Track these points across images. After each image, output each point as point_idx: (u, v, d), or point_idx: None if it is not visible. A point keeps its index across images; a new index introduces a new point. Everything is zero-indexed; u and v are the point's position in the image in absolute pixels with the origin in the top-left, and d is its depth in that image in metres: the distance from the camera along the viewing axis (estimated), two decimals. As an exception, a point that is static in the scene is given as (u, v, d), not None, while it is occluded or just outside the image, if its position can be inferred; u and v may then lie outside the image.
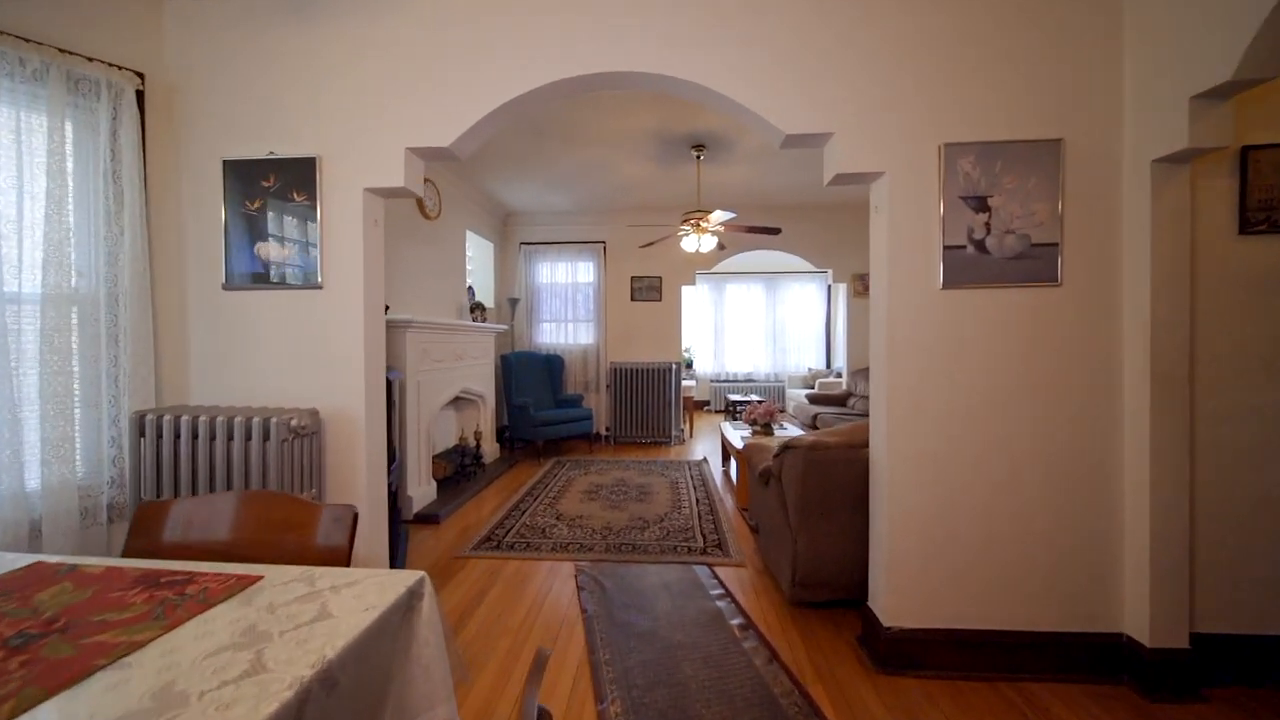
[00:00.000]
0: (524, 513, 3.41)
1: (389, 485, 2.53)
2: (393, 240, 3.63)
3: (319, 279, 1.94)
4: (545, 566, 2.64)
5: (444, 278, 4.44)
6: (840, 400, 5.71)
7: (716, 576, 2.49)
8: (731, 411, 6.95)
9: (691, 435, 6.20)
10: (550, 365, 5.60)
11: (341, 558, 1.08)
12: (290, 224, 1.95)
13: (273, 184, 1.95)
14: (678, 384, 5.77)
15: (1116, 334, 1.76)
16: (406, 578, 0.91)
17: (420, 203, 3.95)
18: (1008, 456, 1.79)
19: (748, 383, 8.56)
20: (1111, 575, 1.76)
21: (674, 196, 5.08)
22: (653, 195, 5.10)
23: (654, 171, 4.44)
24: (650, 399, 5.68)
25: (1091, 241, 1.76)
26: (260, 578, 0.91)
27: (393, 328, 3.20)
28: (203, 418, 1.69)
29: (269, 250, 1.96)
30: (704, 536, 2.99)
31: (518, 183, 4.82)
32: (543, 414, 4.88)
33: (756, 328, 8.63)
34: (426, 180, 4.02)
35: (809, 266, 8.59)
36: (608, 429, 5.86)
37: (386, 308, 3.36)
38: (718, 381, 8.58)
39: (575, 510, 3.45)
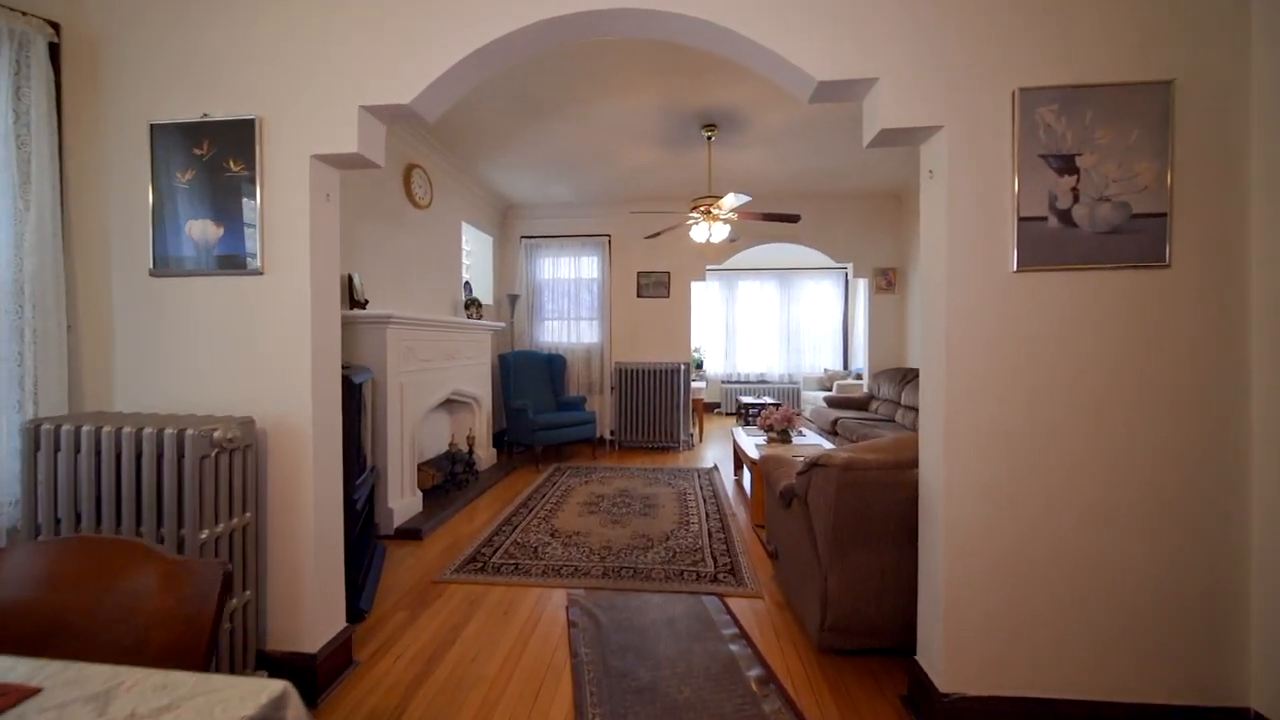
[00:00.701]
0: (516, 528, 3.10)
1: (359, 501, 2.23)
2: (377, 229, 3.35)
3: (259, 263, 1.64)
4: (534, 594, 2.31)
5: (437, 272, 4.15)
6: (861, 404, 5.32)
7: (729, 610, 2.15)
8: (744, 415, 6.58)
9: (701, 440, 5.85)
10: (551, 365, 5.29)
11: (200, 633, 0.76)
12: (227, 198, 1.65)
13: (207, 151, 1.66)
14: (686, 386, 5.43)
15: (1242, 329, 1.39)
16: (258, 689, 0.59)
17: (408, 188, 3.67)
18: (1100, 482, 1.43)
19: (760, 384, 8.18)
20: (1235, 635, 1.39)
21: (683, 184, 4.73)
22: (660, 184, 4.76)
23: (661, 157, 4.11)
24: (657, 402, 5.34)
25: (1210, 211, 1.39)
26: (36, 691, 0.59)
27: (368, 324, 2.90)
28: (106, 429, 1.40)
29: (202, 229, 1.67)
30: (714, 559, 2.65)
31: (517, 171, 4.52)
32: (543, 417, 4.57)
33: (770, 327, 8.25)
34: (415, 166, 3.75)
35: (826, 262, 8.18)
36: (612, 433, 5.53)
37: (365, 302, 3.08)
38: (729, 383, 8.21)
39: (572, 525, 3.13)
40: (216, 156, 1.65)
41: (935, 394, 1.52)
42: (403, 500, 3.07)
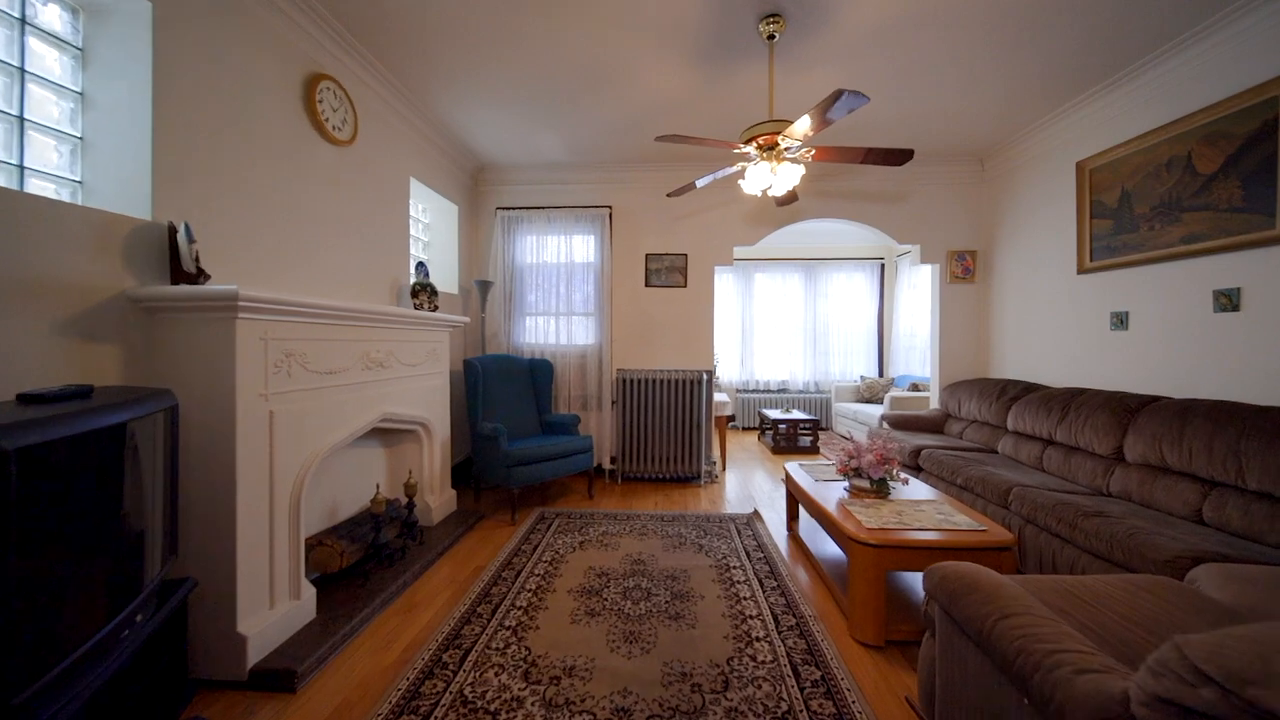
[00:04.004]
0: (467, 654, 1.85)
1: (140, 631, 0.98)
2: (253, 159, 2.08)
3: None
4: None
5: (367, 242, 2.88)
6: (935, 425, 4.15)
7: None
8: (773, 433, 5.39)
9: (724, 467, 4.64)
10: (535, 374, 4.05)
11: None
12: None
13: None
14: (709, 400, 4.22)
15: None
16: None
17: (312, 108, 2.40)
18: None
19: (781, 393, 7.00)
20: None
21: (720, 123, 3.48)
22: (687, 124, 3.53)
23: (694, 82, 2.89)
24: (672, 421, 4.13)
25: None
26: None
27: (192, 310, 1.64)
28: None
29: None
30: (828, 749, 1.43)
31: (488, 108, 3.26)
32: (522, 447, 3.32)
33: (792, 326, 7.08)
34: (324, 78, 2.38)
35: (857, 251, 7.09)
36: (613, 461, 4.30)
37: (200, 274, 1.78)
38: (745, 392, 7.03)
39: (561, 648, 1.89)
40: None
41: None
42: (267, 614, 1.80)
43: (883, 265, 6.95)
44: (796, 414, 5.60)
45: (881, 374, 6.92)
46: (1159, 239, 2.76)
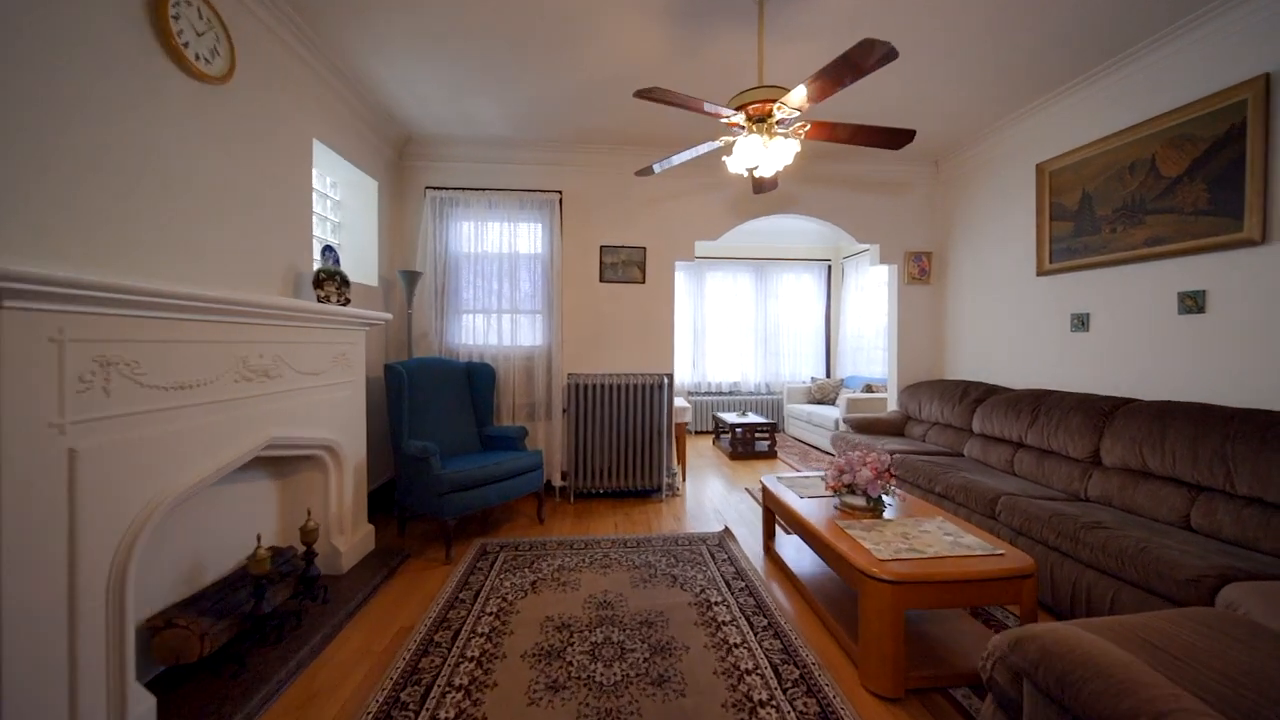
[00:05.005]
0: (387, 773, 1.35)
1: None
2: (70, 85, 1.42)
3: None
4: None
5: (253, 218, 2.23)
6: (895, 428, 4.09)
7: None
8: (731, 438, 5.16)
9: (685, 478, 4.32)
10: (474, 380, 3.49)
11: None
12: None
13: None
14: (669, 406, 3.89)
15: None
16: None
17: (162, 26, 1.75)
18: None
19: (732, 395, 6.85)
20: None
21: (699, 97, 3.17)
22: (652, 108, 3.16)
23: (667, 44, 2.52)
24: (629, 430, 3.74)
25: None
26: None
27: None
28: None
29: None
30: None
31: (412, 58, 2.70)
32: (459, 468, 2.78)
33: (744, 327, 6.94)
34: None
35: (807, 253, 7.09)
36: (564, 477, 3.84)
37: None
38: (697, 394, 6.79)
39: (520, 746, 1.44)
40: None
41: None
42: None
43: (830, 267, 6.99)
44: (753, 417, 5.41)
45: (829, 375, 6.96)
46: (1122, 241, 2.78)
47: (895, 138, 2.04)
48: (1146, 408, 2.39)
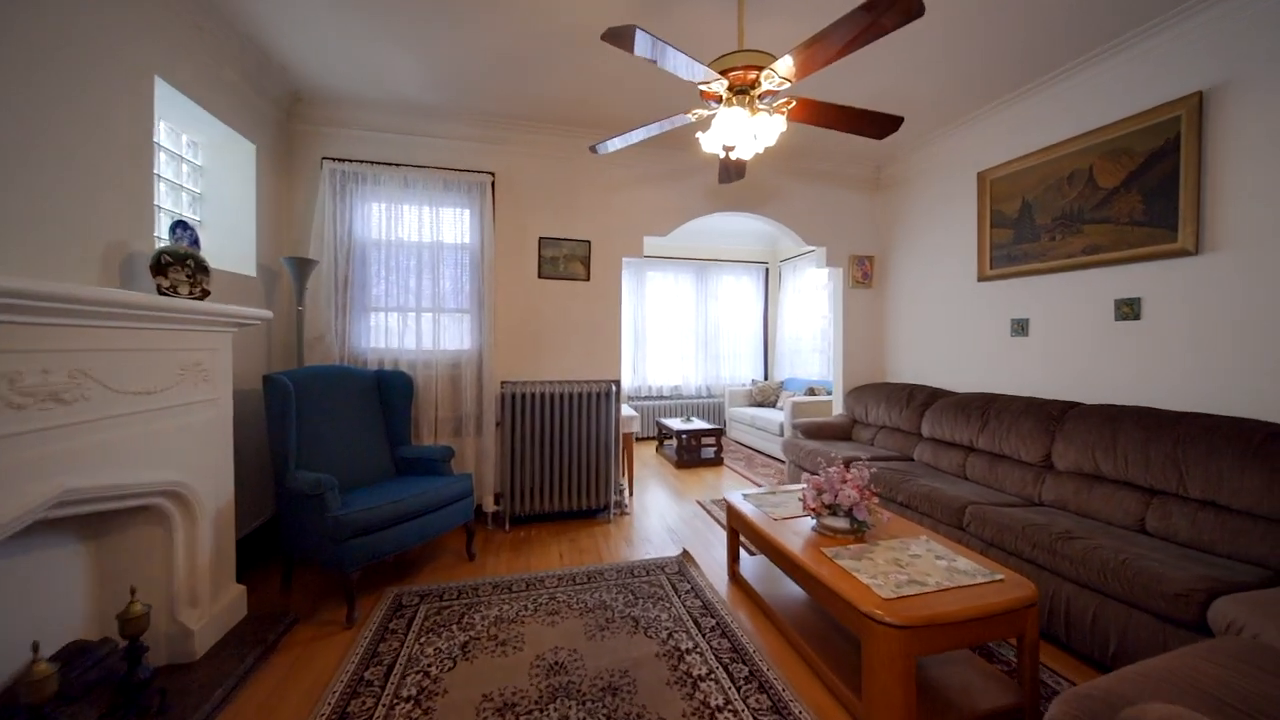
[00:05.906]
0: None
1: None
2: None
3: None
4: None
5: (49, 170, 1.57)
6: (842, 433, 4.05)
7: None
8: (676, 445, 4.91)
9: (633, 493, 4.00)
10: (386, 393, 2.91)
11: None
12: None
13: None
14: (616, 416, 3.54)
15: None
16: None
17: None
18: None
19: (674, 399, 6.65)
20: None
21: (662, 76, 2.78)
22: (617, 67, 2.78)
23: (620, 5, 2.17)
24: (572, 443, 3.34)
25: None
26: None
27: None
28: None
29: None
30: None
31: (299, -14, 2.11)
32: (365, 505, 2.23)
33: (685, 328, 6.77)
34: None
35: (746, 255, 7.06)
36: (498, 500, 3.36)
37: None
38: (638, 399, 6.50)
39: None
40: None
41: None
42: None
43: (767, 269, 7.02)
44: (698, 423, 5.21)
45: (768, 377, 6.99)
46: (1060, 249, 2.86)
47: (881, 123, 1.85)
48: (1095, 411, 2.44)
